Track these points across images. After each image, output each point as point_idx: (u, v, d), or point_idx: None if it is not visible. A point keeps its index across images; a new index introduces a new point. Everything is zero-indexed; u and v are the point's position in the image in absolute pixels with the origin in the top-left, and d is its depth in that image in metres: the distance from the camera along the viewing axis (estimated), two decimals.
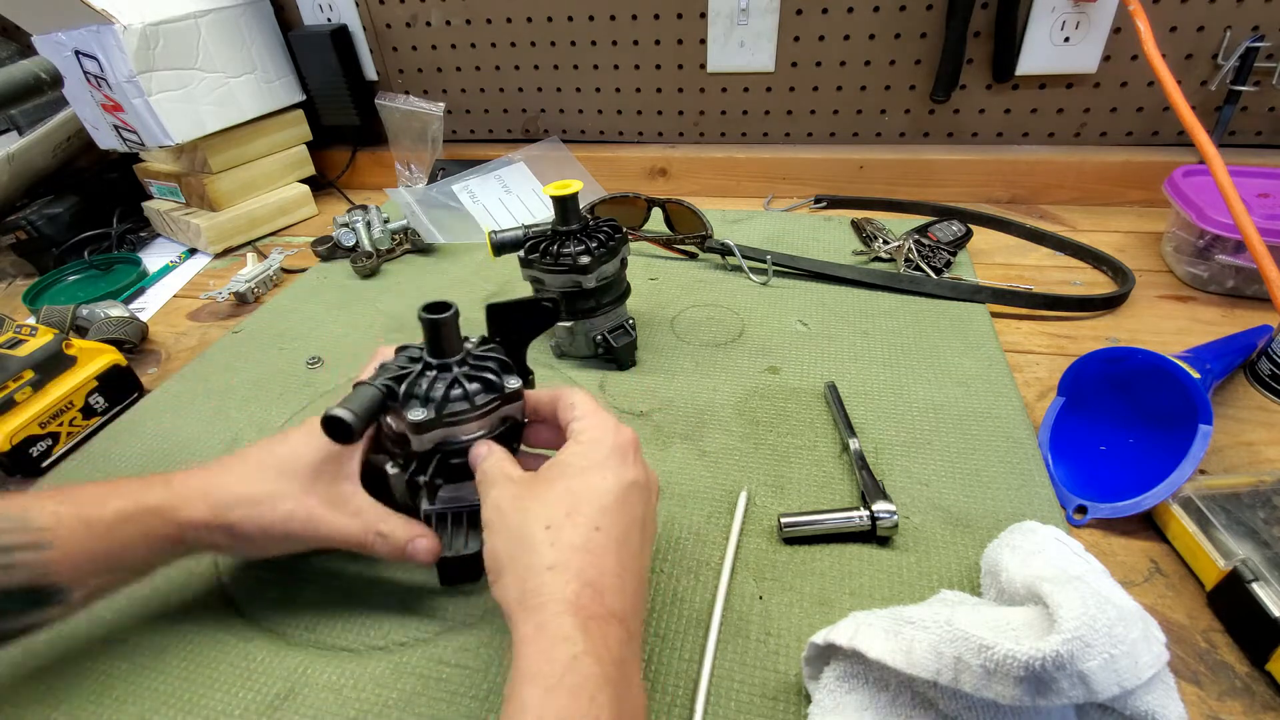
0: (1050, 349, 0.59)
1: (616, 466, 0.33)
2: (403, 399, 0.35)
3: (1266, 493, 0.40)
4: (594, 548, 0.30)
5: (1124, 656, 0.27)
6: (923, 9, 0.78)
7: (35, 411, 0.52)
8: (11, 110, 0.76)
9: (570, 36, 0.88)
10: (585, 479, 0.32)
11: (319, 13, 0.92)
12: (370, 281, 0.76)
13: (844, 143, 0.89)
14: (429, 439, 0.36)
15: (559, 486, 0.32)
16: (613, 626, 0.28)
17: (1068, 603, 0.27)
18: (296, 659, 0.38)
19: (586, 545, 0.30)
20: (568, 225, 0.54)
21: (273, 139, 0.91)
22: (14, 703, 0.37)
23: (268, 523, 0.36)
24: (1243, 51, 0.72)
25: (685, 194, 0.91)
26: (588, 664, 0.26)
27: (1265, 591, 0.35)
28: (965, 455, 0.47)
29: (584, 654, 0.26)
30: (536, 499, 0.32)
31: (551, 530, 0.30)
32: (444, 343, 0.36)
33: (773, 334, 0.61)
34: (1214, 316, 0.61)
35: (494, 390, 0.37)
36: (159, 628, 0.40)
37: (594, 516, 0.30)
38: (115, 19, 0.72)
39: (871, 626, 0.31)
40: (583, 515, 0.30)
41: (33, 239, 0.85)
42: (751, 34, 0.83)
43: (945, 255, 0.70)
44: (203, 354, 0.66)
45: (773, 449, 0.49)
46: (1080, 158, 0.81)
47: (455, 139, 1.00)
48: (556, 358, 0.60)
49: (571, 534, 0.30)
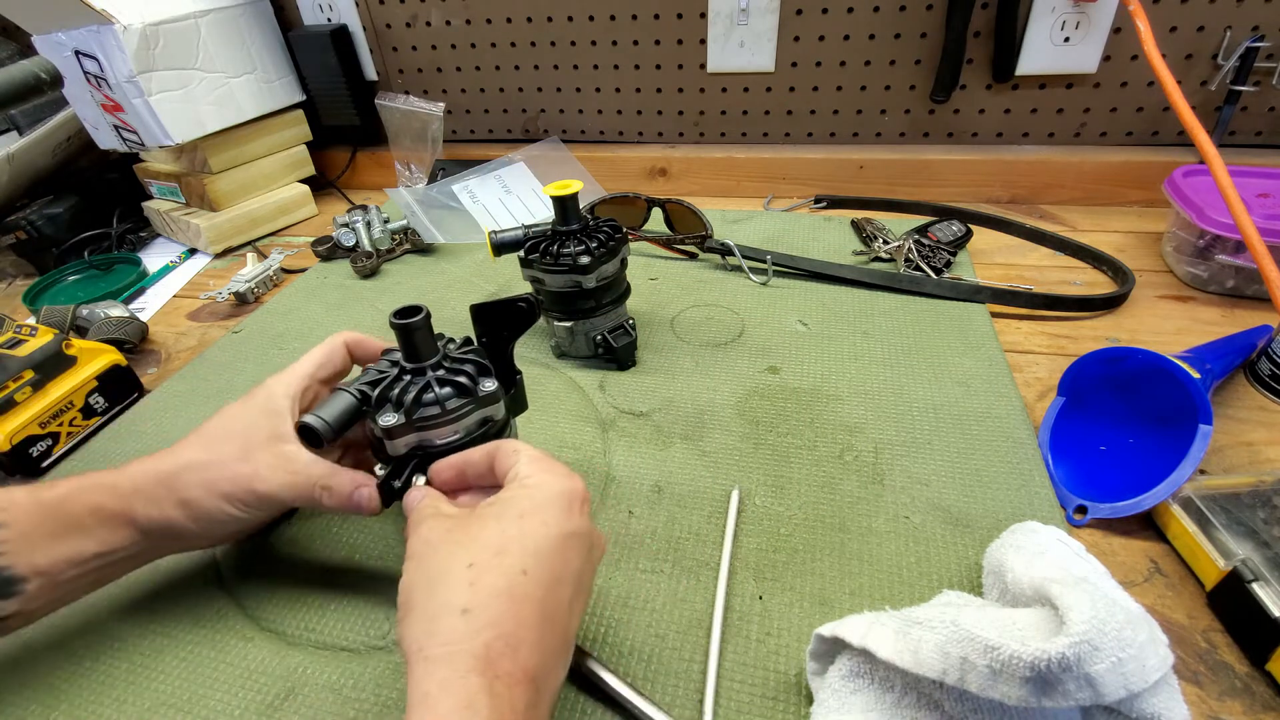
0: (1050, 349, 0.59)
1: (560, 513, 0.30)
2: (375, 404, 0.35)
3: (1266, 493, 0.40)
4: (517, 594, 0.27)
5: (1131, 660, 0.27)
6: (923, 9, 0.78)
7: (35, 411, 0.52)
8: (11, 110, 0.76)
9: (570, 36, 0.88)
10: (523, 521, 0.29)
11: (319, 13, 0.92)
12: (370, 281, 0.76)
13: (844, 143, 0.89)
14: (402, 443, 0.36)
15: (492, 526, 0.29)
16: (520, 689, 0.26)
17: (1078, 605, 0.27)
18: (296, 659, 0.38)
19: (509, 590, 0.27)
20: (568, 225, 0.54)
21: (273, 139, 0.91)
22: (14, 703, 0.37)
23: (213, 484, 0.36)
24: (1243, 51, 0.72)
25: (685, 194, 0.91)
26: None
27: (1265, 591, 0.35)
28: (965, 455, 0.47)
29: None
30: (467, 533, 0.29)
31: (474, 569, 0.27)
32: (417, 347, 0.36)
33: (773, 334, 0.61)
34: (1214, 316, 0.61)
35: (467, 394, 0.36)
36: (159, 628, 0.40)
37: (523, 559, 0.28)
38: (115, 19, 0.72)
39: (884, 627, 0.31)
40: (512, 556, 0.28)
41: (33, 239, 0.85)
42: (751, 34, 0.83)
43: (945, 255, 0.70)
44: (203, 354, 0.66)
45: (773, 449, 0.49)
46: (1080, 158, 0.81)
47: (455, 139, 1.00)
48: (556, 358, 0.60)
49: (495, 577, 0.27)
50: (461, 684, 0.24)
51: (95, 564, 0.35)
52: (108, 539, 0.35)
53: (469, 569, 0.27)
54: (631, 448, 0.50)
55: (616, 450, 0.50)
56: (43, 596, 0.34)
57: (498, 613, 0.26)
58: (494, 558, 0.28)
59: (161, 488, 0.36)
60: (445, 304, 0.70)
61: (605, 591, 0.40)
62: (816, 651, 0.33)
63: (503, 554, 0.28)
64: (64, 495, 0.35)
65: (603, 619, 0.39)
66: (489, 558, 0.28)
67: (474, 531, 0.29)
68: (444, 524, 0.30)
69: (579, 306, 0.55)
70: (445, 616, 0.26)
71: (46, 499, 0.35)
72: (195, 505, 0.36)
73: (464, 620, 0.26)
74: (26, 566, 0.33)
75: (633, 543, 0.43)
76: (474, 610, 0.26)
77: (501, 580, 0.27)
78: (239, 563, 0.44)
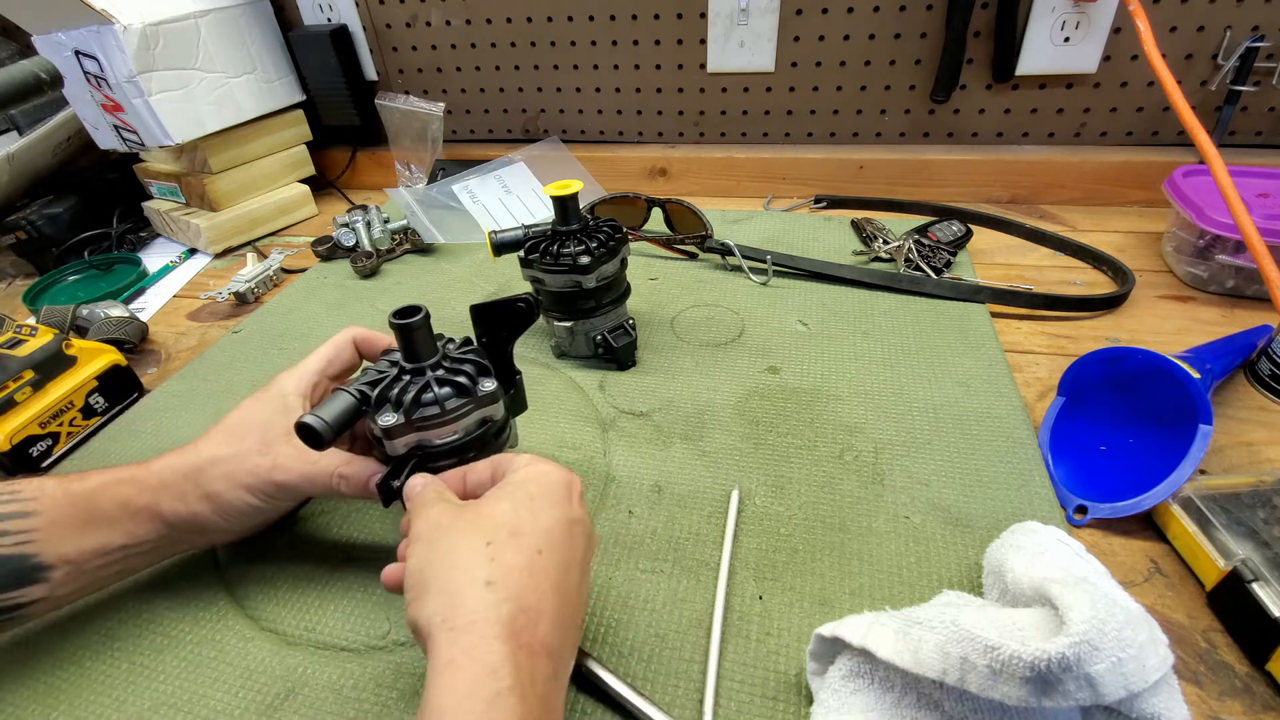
0: (1050, 349, 0.59)
1: (564, 501, 0.31)
2: (375, 404, 0.35)
3: (1266, 493, 0.40)
4: (535, 570, 0.28)
5: (1131, 660, 0.27)
6: (923, 9, 0.78)
7: (35, 411, 0.52)
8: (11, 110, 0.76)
9: (570, 36, 0.88)
10: (533, 504, 0.30)
11: (319, 13, 0.92)
12: (370, 281, 0.76)
13: (844, 143, 0.89)
14: (401, 444, 0.36)
15: (505, 507, 0.30)
16: (542, 661, 0.26)
17: (1078, 605, 0.27)
18: (296, 659, 0.38)
19: (529, 567, 0.28)
20: (568, 225, 0.54)
21: (273, 139, 0.91)
22: (14, 702, 0.37)
23: (235, 477, 0.37)
24: (1243, 51, 0.72)
25: (685, 194, 0.91)
26: (512, 703, 0.24)
27: (1265, 591, 0.35)
28: (965, 455, 0.47)
29: (509, 691, 0.24)
30: (479, 515, 0.30)
31: (493, 546, 0.28)
32: (416, 347, 0.36)
33: (773, 334, 0.61)
34: (1214, 316, 0.61)
35: (466, 394, 0.36)
36: (158, 628, 0.40)
37: (537, 539, 0.29)
38: (115, 19, 0.72)
39: (884, 627, 0.31)
40: (526, 537, 0.29)
41: (33, 239, 0.85)
42: (751, 34, 0.83)
43: (945, 255, 0.70)
44: (203, 354, 0.66)
45: (773, 449, 0.49)
46: (1080, 158, 0.81)
47: (455, 139, 1.00)
48: (556, 358, 0.60)
49: (514, 554, 0.28)
50: (487, 649, 0.25)
51: (120, 555, 0.37)
52: (134, 531, 0.37)
53: (488, 546, 0.28)
54: (631, 448, 0.50)
55: (616, 450, 0.50)
56: (68, 584, 0.35)
57: (519, 586, 0.27)
58: (510, 537, 0.29)
59: (187, 482, 0.37)
60: (445, 304, 0.70)
61: (605, 591, 0.40)
62: (816, 651, 0.33)
63: (518, 534, 0.29)
64: (94, 488, 0.36)
65: (603, 619, 0.38)
66: (505, 537, 0.28)
67: (486, 512, 0.30)
68: (452, 508, 0.31)
69: (579, 306, 0.55)
70: (469, 589, 0.27)
71: (77, 491, 0.36)
72: (219, 498, 0.37)
73: (489, 591, 0.26)
74: (54, 555, 0.34)
75: (633, 543, 0.43)
76: (497, 582, 0.27)
77: (520, 558, 0.28)
78: (239, 563, 0.44)
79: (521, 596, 0.27)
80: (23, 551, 0.34)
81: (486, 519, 0.30)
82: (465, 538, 0.29)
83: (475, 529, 0.29)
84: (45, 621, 0.40)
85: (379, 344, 0.43)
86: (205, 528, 0.38)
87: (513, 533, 0.29)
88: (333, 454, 0.38)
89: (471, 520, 0.30)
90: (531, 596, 0.27)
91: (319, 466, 0.38)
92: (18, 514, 0.34)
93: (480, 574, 0.27)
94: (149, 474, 0.37)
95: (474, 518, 0.30)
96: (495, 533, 0.29)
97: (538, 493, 0.31)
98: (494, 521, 0.29)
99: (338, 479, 0.38)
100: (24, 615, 0.35)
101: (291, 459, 0.37)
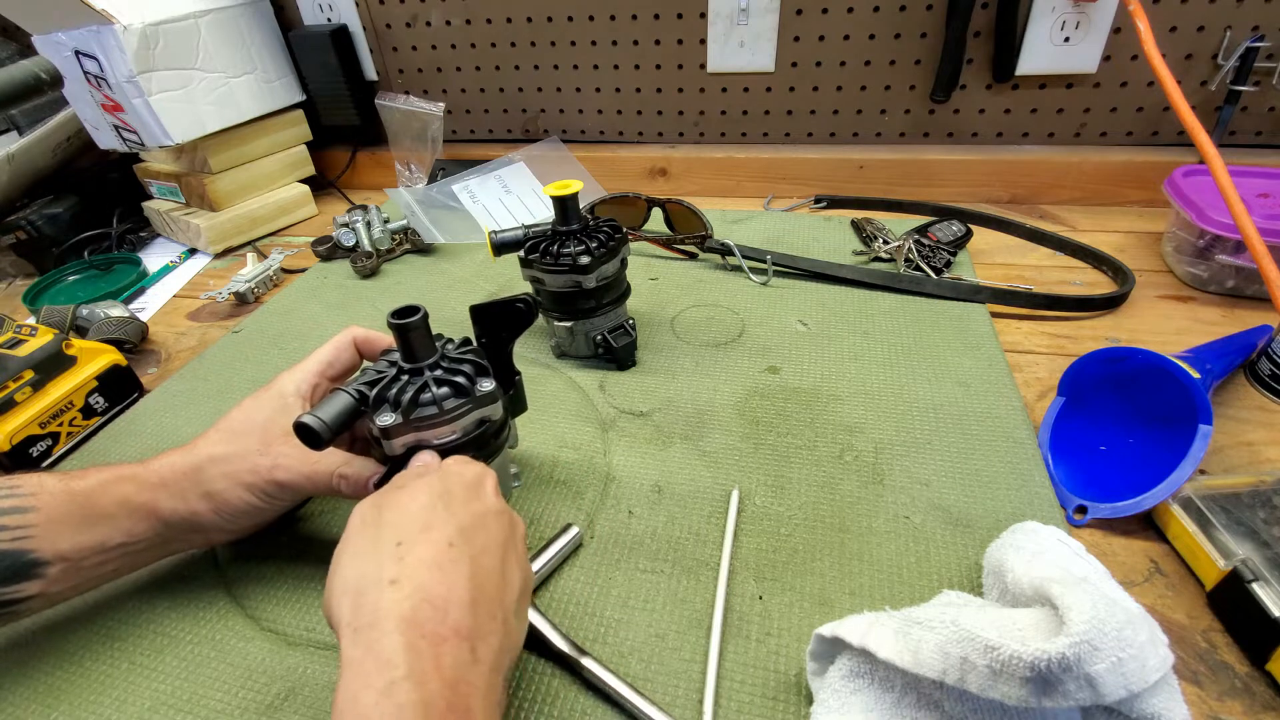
0: (1050, 349, 0.59)
1: (476, 495, 0.33)
2: (373, 404, 0.36)
3: (1266, 493, 0.40)
4: (444, 563, 0.28)
5: (1131, 660, 0.27)
6: (923, 9, 0.78)
7: (35, 411, 0.52)
8: (11, 110, 0.76)
9: (570, 36, 0.88)
10: (446, 500, 0.31)
11: (319, 13, 0.92)
12: (370, 281, 0.76)
13: (844, 143, 0.89)
14: (400, 443, 0.36)
15: (419, 502, 0.31)
16: (450, 645, 0.26)
17: (1078, 605, 0.27)
18: (296, 659, 0.38)
19: (436, 560, 0.28)
20: (568, 225, 0.54)
21: (273, 139, 0.91)
22: (13, 702, 0.37)
23: (235, 476, 0.37)
24: (1243, 51, 0.72)
25: (685, 194, 0.91)
26: (405, 690, 0.24)
27: (1265, 591, 0.35)
28: (965, 455, 0.47)
29: (403, 679, 0.24)
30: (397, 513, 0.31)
31: (403, 546, 0.29)
32: (414, 347, 0.36)
33: (773, 334, 0.61)
34: (1214, 316, 0.61)
35: (464, 394, 0.37)
36: (158, 628, 0.40)
37: (449, 533, 0.30)
38: (115, 19, 0.72)
39: (884, 627, 0.31)
40: (437, 530, 0.30)
41: (33, 239, 0.85)
42: (751, 34, 0.83)
43: (945, 255, 0.70)
44: (203, 354, 0.66)
45: (773, 449, 0.49)
46: (1080, 158, 0.81)
47: (455, 139, 1.00)
48: (556, 358, 0.60)
49: (424, 548, 0.29)
50: (383, 643, 0.26)
51: (117, 553, 0.37)
52: (132, 529, 0.37)
53: (398, 546, 0.29)
54: (631, 448, 0.50)
55: (616, 450, 0.50)
56: (64, 581, 0.35)
57: (425, 579, 0.28)
58: (421, 533, 0.30)
59: (187, 481, 0.37)
60: (445, 304, 0.70)
61: (605, 591, 0.40)
62: (816, 651, 0.33)
63: (429, 529, 0.30)
64: (93, 486, 0.36)
65: (603, 619, 0.39)
66: (417, 533, 0.29)
67: (403, 508, 0.31)
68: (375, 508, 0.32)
69: (579, 306, 0.55)
70: (373, 589, 0.28)
71: (76, 488, 0.36)
72: (219, 497, 0.37)
73: (393, 589, 0.27)
74: (51, 551, 0.35)
75: (633, 543, 0.43)
76: (401, 580, 0.28)
77: (429, 552, 0.29)
78: (239, 563, 0.44)
79: (427, 589, 0.27)
80: (20, 547, 0.34)
81: (403, 516, 0.30)
82: (380, 537, 0.30)
83: (391, 528, 0.30)
84: (45, 621, 0.40)
85: (380, 344, 0.43)
86: (204, 526, 0.38)
87: (424, 528, 0.30)
88: (333, 454, 0.38)
89: (391, 519, 0.30)
90: (440, 588, 0.28)
91: (319, 466, 0.38)
92: (16, 509, 0.34)
93: (387, 573, 0.28)
94: (149, 472, 0.37)
95: (392, 516, 0.31)
96: (407, 530, 0.30)
97: (449, 489, 0.32)
98: (408, 519, 0.30)
99: (338, 479, 0.38)
100: (18, 611, 0.35)
101: (292, 459, 0.38)
